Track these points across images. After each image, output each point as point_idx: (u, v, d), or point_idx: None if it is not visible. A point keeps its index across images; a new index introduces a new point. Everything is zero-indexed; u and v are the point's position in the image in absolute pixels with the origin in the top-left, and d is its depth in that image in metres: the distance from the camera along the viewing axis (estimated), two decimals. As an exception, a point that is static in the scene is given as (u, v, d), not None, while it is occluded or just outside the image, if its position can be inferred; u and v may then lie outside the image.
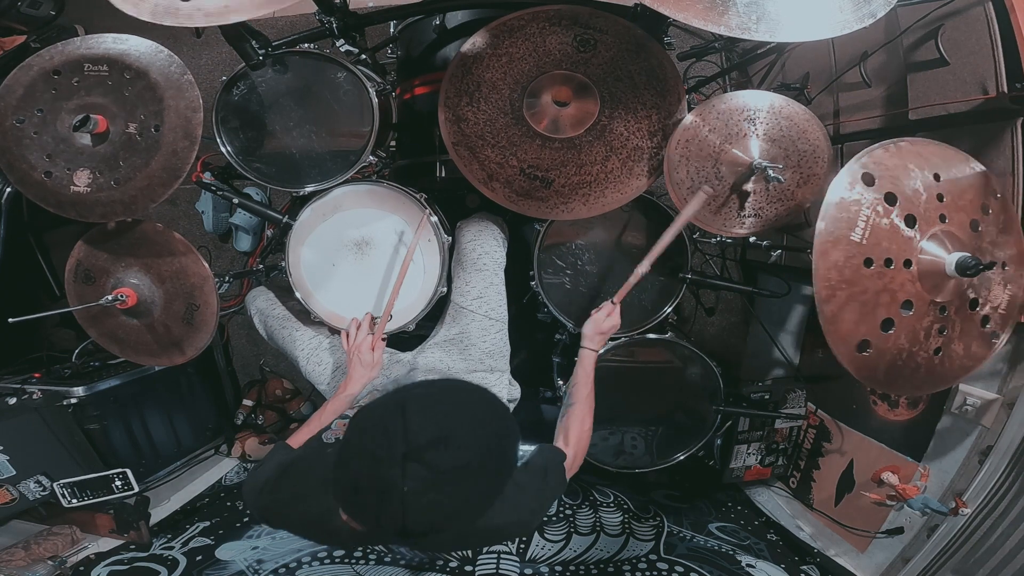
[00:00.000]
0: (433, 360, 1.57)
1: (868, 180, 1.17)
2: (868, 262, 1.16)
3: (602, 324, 1.35)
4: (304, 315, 1.68)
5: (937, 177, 1.20)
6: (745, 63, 2.06)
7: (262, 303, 1.76)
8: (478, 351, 1.54)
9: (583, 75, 1.38)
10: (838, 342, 1.18)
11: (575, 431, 1.27)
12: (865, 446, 1.84)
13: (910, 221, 1.18)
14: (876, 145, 1.19)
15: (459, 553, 1.89)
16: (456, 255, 1.61)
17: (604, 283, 1.69)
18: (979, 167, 1.26)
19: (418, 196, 1.56)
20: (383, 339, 1.45)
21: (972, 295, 1.23)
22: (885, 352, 1.20)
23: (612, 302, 1.36)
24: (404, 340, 1.70)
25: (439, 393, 0.88)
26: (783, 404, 2.10)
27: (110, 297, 1.42)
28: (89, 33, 1.36)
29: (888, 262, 1.16)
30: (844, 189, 1.16)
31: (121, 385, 2.02)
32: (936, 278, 1.18)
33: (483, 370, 1.57)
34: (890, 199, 1.17)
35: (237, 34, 1.36)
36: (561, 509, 2.14)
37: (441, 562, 1.85)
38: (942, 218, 1.19)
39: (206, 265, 1.47)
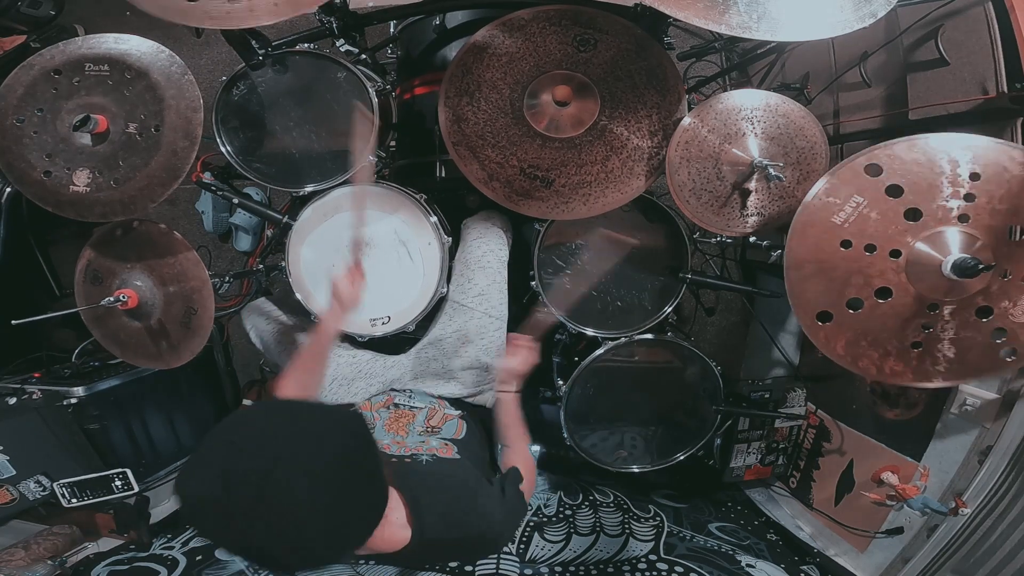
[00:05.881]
0: (427, 358, 1.57)
1: (874, 171, 1.18)
2: (846, 244, 1.20)
3: (518, 366, 1.29)
4: (299, 328, 1.68)
5: (975, 176, 1.16)
6: (745, 63, 2.06)
7: (256, 319, 1.75)
8: (475, 348, 1.54)
9: (583, 75, 1.38)
10: (799, 306, 1.26)
11: (521, 463, 1.21)
12: (865, 446, 1.84)
13: (913, 215, 1.17)
14: (901, 139, 1.19)
15: (459, 553, 1.89)
16: (460, 253, 1.61)
17: (604, 283, 1.69)
18: None
19: (418, 196, 1.56)
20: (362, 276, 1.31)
21: (983, 302, 1.19)
22: (848, 328, 1.24)
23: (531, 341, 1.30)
24: (404, 341, 1.70)
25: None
26: (783, 404, 2.10)
27: (111, 298, 1.42)
28: (89, 33, 1.36)
29: (870, 248, 1.19)
30: (839, 176, 1.19)
31: (121, 385, 2.01)
32: (928, 274, 1.17)
33: (478, 367, 1.56)
34: (894, 191, 1.17)
35: (238, 34, 1.36)
36: (561, 509, 2.13)
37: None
38: (962, 218, 1.17)
39: (204, 269, 1.47)
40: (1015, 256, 1.17)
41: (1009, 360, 1.23)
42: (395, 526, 0.90)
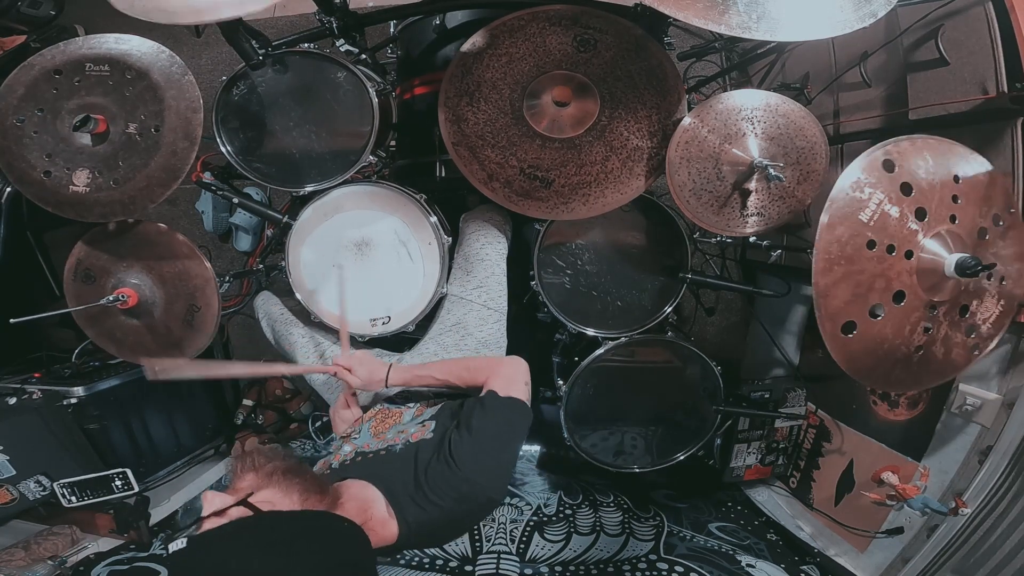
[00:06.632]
0: (428, 354, 1.56)
1: (888, 167, 1.17)
2: (871, 244, 1.16)
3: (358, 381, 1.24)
4: (304, 315, 1.68)
5: (957, 179, 1.19)
6: (745, 63, 2.06)
7: (269, 307, 1.77)
8: (474, 340, 1.53)
9: (583, 75, 1.38)
10: (826, 318, 1.18)
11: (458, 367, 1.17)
12: (865, 446, 1.84)
13: (920, 214, 1.18)
14: (903, 138, 1.19)
15: (459, 552, 1.89)
16: (459, 246, 1.61)
17: (604, 283, 1.69)
18: (1000, 179, 1.25)
19: (418, 196, 1.56)
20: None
21: (964, 301, 1.23)
22: (868, 339, 1.20)
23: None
24: (404, 341, 1.70)
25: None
26: (783, 404, 2.10)
27: (111, 297, 1.42)
28: (89, 33, 1.36)
29: (890, 248, 1.16)
30: (863, 171, 1.16)
31: (121, 385, 2.01)
32: (934, 275, 1.18)
33: None
34: (905, 189, 1.17)
35: (237, 34, 1.36)
36: (561, 509, 2.14)
37: (441, 562, 1.85)
38: (952, 219, 1.19)
39: (209, 267, 1.47)
40: (984, 256, 1.21)
41: (976, 355, 1.27)
42: (379, 522, 0.89)
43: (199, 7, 1.11)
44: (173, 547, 0.68)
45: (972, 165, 1.23)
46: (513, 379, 1.10)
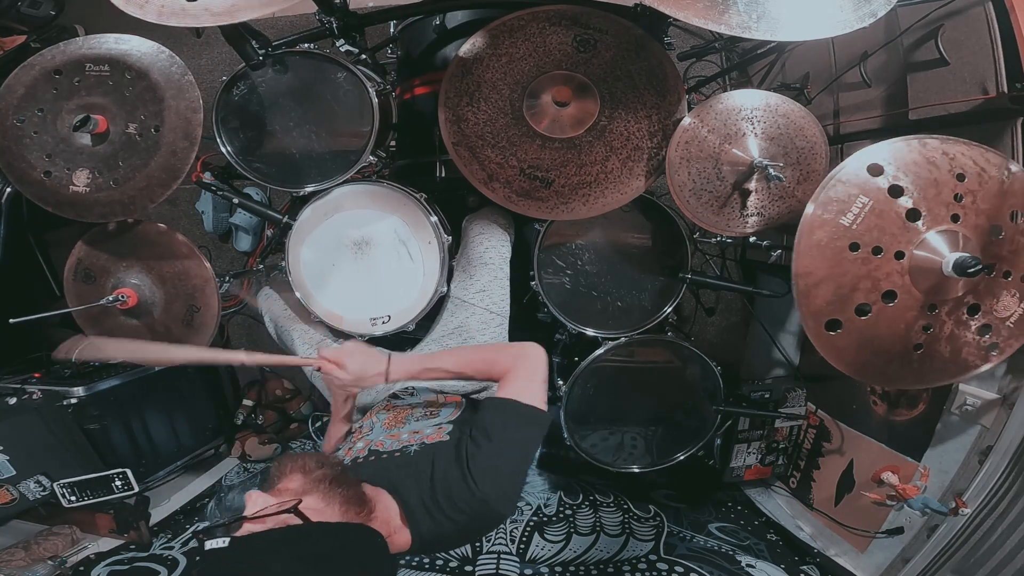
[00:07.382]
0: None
1: (875, 170, 1.17)
2: (854, 247, 1.18)
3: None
4: (305, 312, 1.68)
5: (961, 177, 1.18)
6: (745, 63, 2.06)
7: (271, 304, 1.77)
8: (476, 344, 1.53)
9: (583, 75, 1.38)
10: (808, 316, 1.21)
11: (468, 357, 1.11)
12: (865, 446, 1.84)
13: (913, 215, 1.18)
14: (898, 139, 1.20)
15: (459, 552, 1.89)
16: (462, 250, 1.61)
17: (604, 283, 1.69)
18: (1020, 175, 1.22)
19: (418, 196, 1.56)
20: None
21: (972, 300, 1.21)
22: (856, 336, 1.21)
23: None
24: (405, 341, 1.70)
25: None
26: (783, 404, 2.10)
27: (111, 297, 1.42)
28: (89, 33, 1.37)
29: (877, 250, 1.18)
30: (846, 174, 1.17)
31: (121, 385, 2.01)
32: (930, 275, 1.18)
33: None
34: (895, 191, 1.17)
35: (237, 34, 1.36)
36: (561, 509, 2.13)
37: (441, 562, 1.85)
38: (954, 218, 1.18)
39: (208, 267, 1.47)
40: (998, 254, 1.20)
41: (993, 355, 1.26)
42: (392, 528, 0.88)
43: (216, 9, 1.11)
44: (211, 544, 0.66)
45: (980, 162, 1.20)
46: (534, 379, 1.05)
